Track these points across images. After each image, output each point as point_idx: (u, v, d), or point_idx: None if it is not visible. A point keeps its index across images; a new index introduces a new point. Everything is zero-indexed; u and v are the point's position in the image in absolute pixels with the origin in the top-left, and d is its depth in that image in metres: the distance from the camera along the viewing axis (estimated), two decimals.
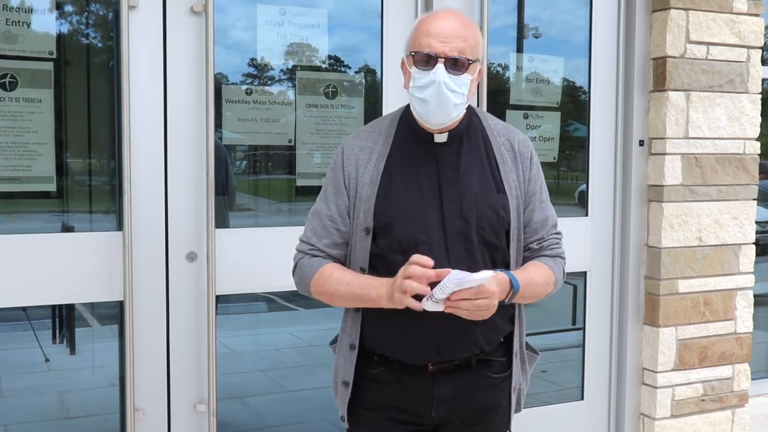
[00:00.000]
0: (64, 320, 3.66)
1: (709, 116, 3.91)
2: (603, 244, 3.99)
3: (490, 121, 2.25)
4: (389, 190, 2.11)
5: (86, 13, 3.13)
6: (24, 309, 3.54)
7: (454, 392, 2.16)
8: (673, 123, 3.83)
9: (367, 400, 2.21)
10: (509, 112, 3.82)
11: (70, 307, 3.48)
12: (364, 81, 3.54)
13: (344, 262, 2.19)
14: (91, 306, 3.48)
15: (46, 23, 2.97)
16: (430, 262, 1.90)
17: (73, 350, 3.70)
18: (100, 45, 3.18)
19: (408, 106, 2.20)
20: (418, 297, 1.92)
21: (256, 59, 3.34)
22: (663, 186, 3.84)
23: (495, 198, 2.13)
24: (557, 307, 4.47)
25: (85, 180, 3.16)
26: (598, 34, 3.90)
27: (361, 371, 2.20)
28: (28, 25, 2.93)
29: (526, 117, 3.86)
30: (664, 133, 3.83)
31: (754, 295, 4.16)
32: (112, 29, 3.10)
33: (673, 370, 3.94)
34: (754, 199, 4.09)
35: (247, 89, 3.32)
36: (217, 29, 3.11)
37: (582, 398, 4.04)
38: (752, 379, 4.21)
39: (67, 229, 3.12)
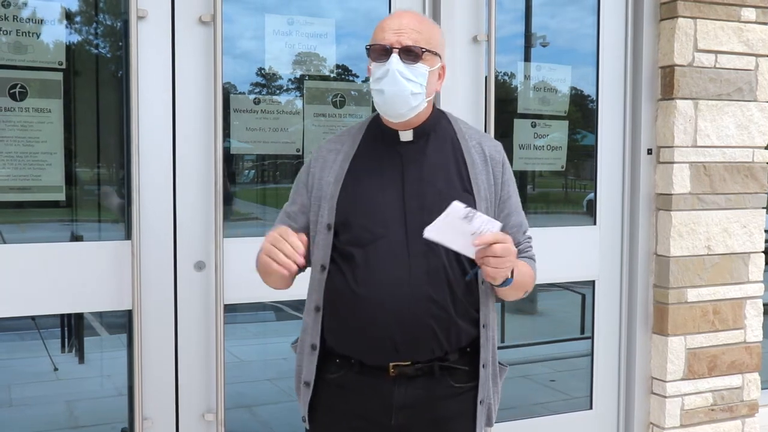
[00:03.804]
0: (72, 329, 3.67)
1: (718, 124, 3.91)
2: (611, 253, 3.98)
3: (462, 125, 2.26)
4: (352, 186, 2.13)
5: (95, 23, 3.14)
6: (33, 318, 3.55)
7: (415, 400, 2.12)
8: (681, 131, 3.83)
9: (327, 405, 2.19)
10: (517, 121, 3.82)
11: (79, 317, 3.49)
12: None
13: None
14: (100, 315, 3.49)
15: (56, 34, 2.99)
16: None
17: (81, 359, 3.71)
18: (109, 55, 3.20)
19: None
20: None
21: (264, 69, 3.35)
22: (671, 194, 3.84)
23: (460, 196, 2.10)
24: (566, 316, 4.46)
25: (94, 189, 3.17)
26: (605, 42, 3.91)
27: (323, 375, 2.19)
28: (38, 36, 2.95)
29: (533, 126, 3.86)
30: (672, 141, 3.83)
31: (764, 304, 4.14)
32: (121, 39, 3.12)
33: (682, 379, 3.93)
34: (764, 208, 4.08)
35: (255, 99, 3.33)
36: (225, 39, 3.12)
37: (591, 407, 4.02)
38: (762, 389, 4.19)
39: (75, 238, 3.13)
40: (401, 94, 2.06)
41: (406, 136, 2.17)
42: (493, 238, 1.92)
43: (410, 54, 2.06)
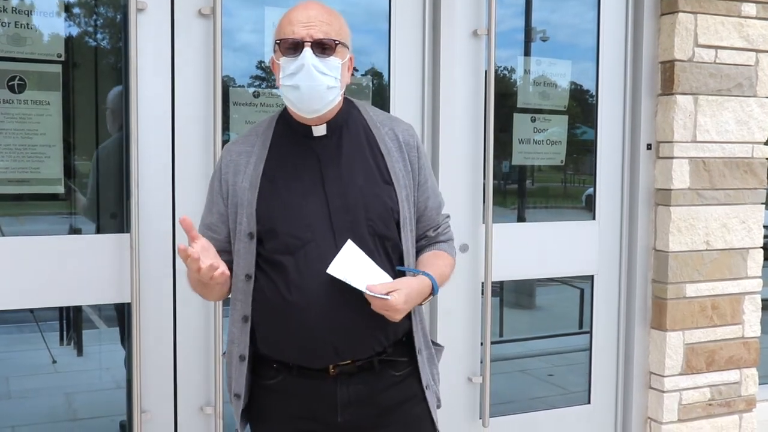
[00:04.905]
0: (71, 322, 3.66)
1: (717, 120, 3.90)
2: (610, 248, 3.99)
3: (371, 113, 2.21)
4: (270, 192, 2.08)
5: (94, 15, 3.13)
6: (31, 311, 3.55)
7: (358, 395, 2.09)
8: (681, 127, 3.83)
9: (270, 411, 2.16)
10: (516, 116, 3.81)
11: (78, 309, 3.49)
12: (371, 84, 3.54)
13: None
14: (98, 308, 3.49)
15: (55, 26, 2.98)
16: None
17: (80, 352, 3.71)
18: (108, 47, 3.19)
19: (285, 108, 2.16)
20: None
21: (263, 62, 3.34)
22: (671, 190, 3.84)
23: (381, 189, 2.10)
24: (564, 311, 4.46)
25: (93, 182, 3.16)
26: (606, 37, 3.90)
27: (260, 381, 2.16)
28: (37, 28, 2.94)
29: (533, 120, 3.85)
30: (671, 136, 3.83)
31: (762, 300, 4.15)
32: (120, 32, 3.11)
33: (680, 374, 3.93)
34: (763, 203, 4.08)
35: (254, 92, 3.32)
36: (224, 32, 3.12)
37: (589, 402, 4.03)
38: (760, 384, 4.19)
39: (74, 231, 3.12)
40: (317, 89, 2.01)
41: (320, 130, 2.12)
42: (383, 304, 1.95)
43: (323, 47, 2.01)
